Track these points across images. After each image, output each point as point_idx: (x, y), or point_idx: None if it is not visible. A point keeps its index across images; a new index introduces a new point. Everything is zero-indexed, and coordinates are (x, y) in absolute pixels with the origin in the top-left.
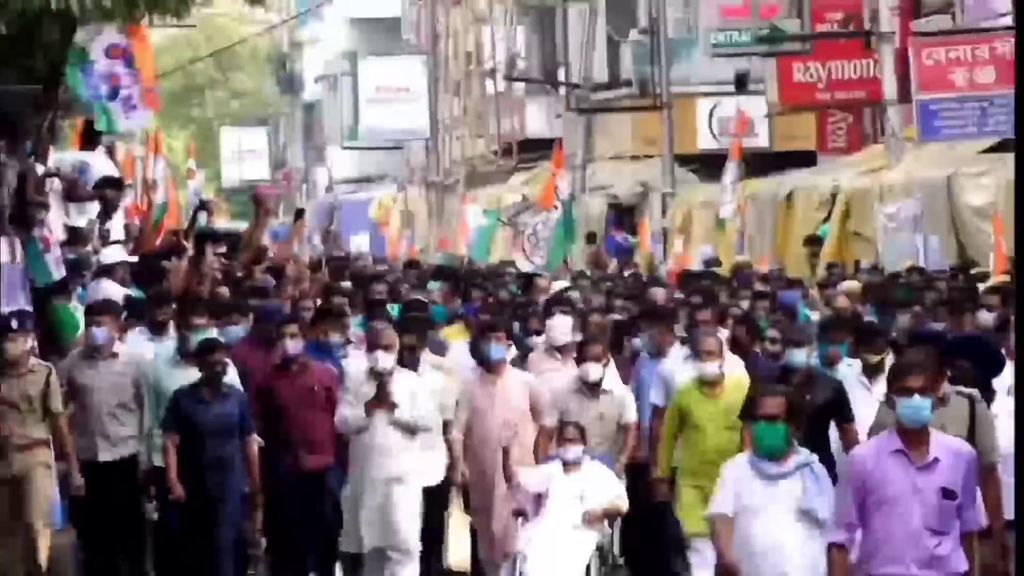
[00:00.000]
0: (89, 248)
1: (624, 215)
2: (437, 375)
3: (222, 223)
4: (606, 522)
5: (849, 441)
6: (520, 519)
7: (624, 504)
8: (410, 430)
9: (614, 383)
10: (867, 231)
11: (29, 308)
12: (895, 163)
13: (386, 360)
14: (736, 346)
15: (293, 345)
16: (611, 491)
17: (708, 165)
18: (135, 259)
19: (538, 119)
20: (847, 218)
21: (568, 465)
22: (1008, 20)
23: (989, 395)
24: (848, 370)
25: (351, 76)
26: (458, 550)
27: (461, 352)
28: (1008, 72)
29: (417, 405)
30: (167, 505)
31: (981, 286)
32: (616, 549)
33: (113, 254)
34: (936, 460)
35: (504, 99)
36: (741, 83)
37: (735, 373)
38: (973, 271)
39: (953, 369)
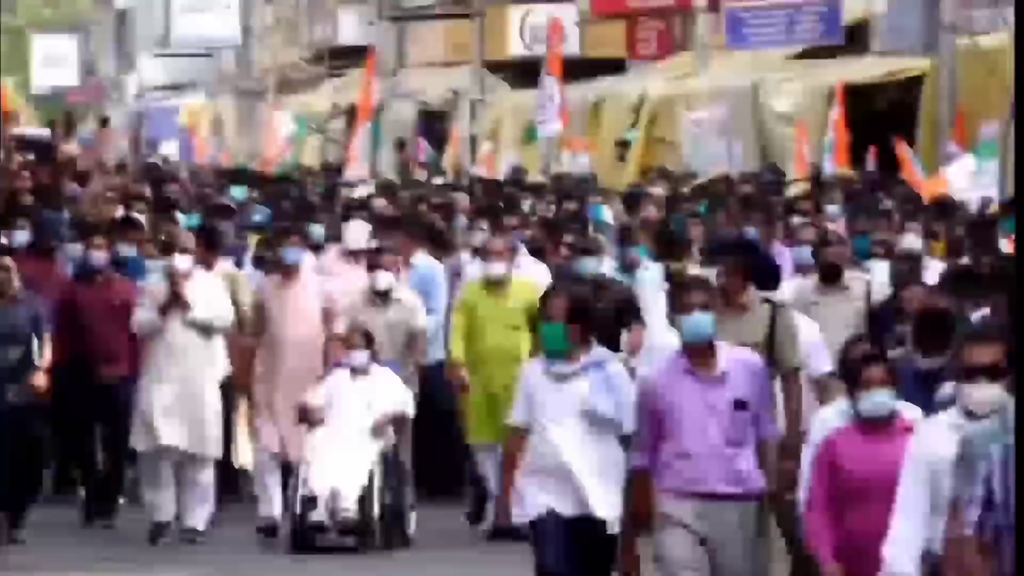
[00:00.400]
0: None
1: (435, 121)
2: (228, 267)
3: (30, 130)
4: (391, 429)
5: (634, 342)
6: (305, 426)
7: (410, 411)
8: (205, 330)
9: (404, 291)
10: (674, 137)
11: None
12: (703, 70)
13: (182, 261)
14: (536, 251)
15: (98, 256)
16: (397, 398)
17: (519, 72)
18: None
19: (351, 26)
20: (654, 124)
21: (355, 371)
22: None
23: None
24: (647, 274)
25: None
26: (246, 450)
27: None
28: None
29: (213, 305)
30: None
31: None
32: (405, 456)
33: None
34: (725, 373)
35: (317, 6)
36: None
37: (528, 277)
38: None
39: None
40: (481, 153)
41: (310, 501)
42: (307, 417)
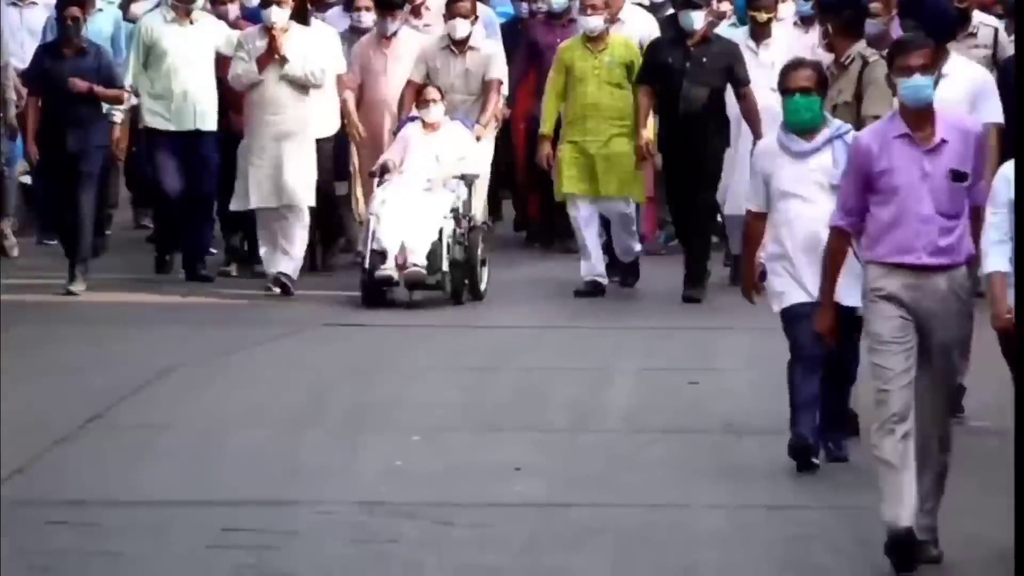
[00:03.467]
0: None
1: None
2: (328, 31)
3: None
4: (462, 184)
5: (748, 105)
6: (376, 180)
7: (478, 168)
8: (301, 84)
9: (482, 40)
10: None
11: None
12: None
13: (279, 15)
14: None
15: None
16: (467, 154)
17: None
18: None
19: None
20: None
21: (427, 126)
22: None
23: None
24: (736, 32)
25: None
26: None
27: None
28: None
29: (309, 59)
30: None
31: None
32: (475, 211)
33: None
34: (944, 142)
35: None
36: None
37: (625, 32)
38: None
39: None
40: None
41: (379, 255)
42: (379, 171)
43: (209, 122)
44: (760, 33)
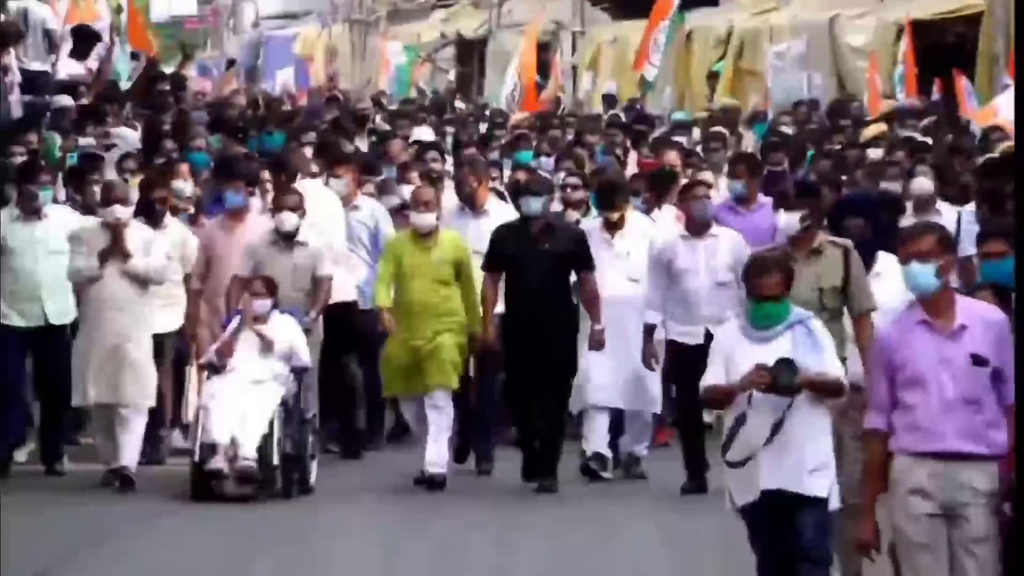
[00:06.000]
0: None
1: (538, 52)
2: (180, 227)
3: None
4: (292, 377)
5: (587, 291)
6: (206, 373)
7: (307, 360)
8: (142, 281)
9: (311, 235)
10: (759, 68)
11: None
12: (784, 4)
13: (121, 212)
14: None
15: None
16: (296, 347)
17: (618, 4)
18: None
19: None
20: (740, 57)
21: (256, 319)
22: None
23: (877, 252)
24: (591, 223)
25: None
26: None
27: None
28: None
29: (151, 255)
30: None
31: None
32: (304, 404)
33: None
34: (963, 327)
35: None
36: None
37: (489, 222)
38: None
39: (841, 229)
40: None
41: (209, 448)
42: (209, 363)
43: (61, 316)
44: (613, 225)
